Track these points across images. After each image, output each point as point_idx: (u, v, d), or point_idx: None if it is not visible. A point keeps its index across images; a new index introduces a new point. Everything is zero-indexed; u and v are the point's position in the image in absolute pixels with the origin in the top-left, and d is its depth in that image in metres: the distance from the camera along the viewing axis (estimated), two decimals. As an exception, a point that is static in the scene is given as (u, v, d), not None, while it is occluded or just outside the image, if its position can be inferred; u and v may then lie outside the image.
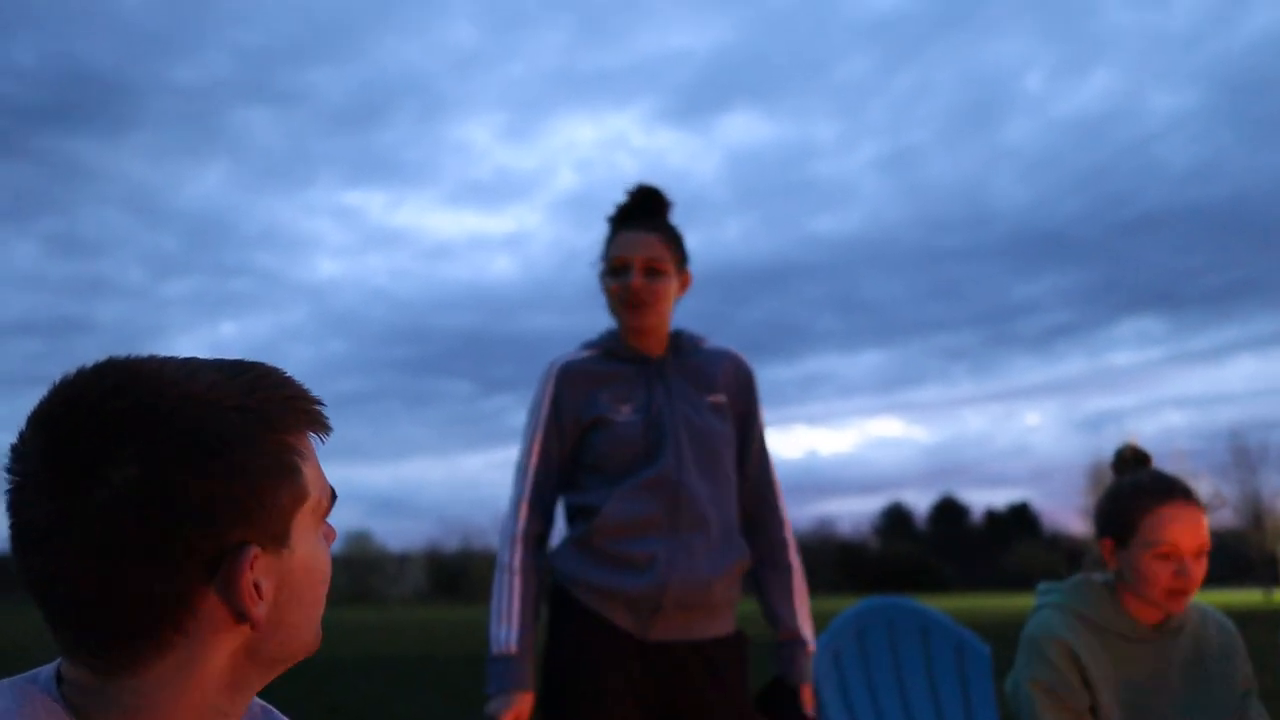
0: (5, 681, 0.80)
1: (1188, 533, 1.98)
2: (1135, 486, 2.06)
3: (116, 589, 0.75)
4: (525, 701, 2.11)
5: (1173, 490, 2.03)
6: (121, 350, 0.82)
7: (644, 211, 2.28)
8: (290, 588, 0.83)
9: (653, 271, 2.21)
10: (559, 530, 2.30)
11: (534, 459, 2.24)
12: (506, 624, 2.16)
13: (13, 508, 0.78)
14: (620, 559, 2.13)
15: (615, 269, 2.23)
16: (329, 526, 0.90)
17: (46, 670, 0.82)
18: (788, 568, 2.29)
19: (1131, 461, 2.14)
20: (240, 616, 0.79)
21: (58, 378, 0.80)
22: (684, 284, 2.29)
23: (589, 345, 2.32)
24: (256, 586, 0.79)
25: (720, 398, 2.27)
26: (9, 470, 0.78)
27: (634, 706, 2.10)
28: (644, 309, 2.21)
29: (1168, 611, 2.02)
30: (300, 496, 0.83)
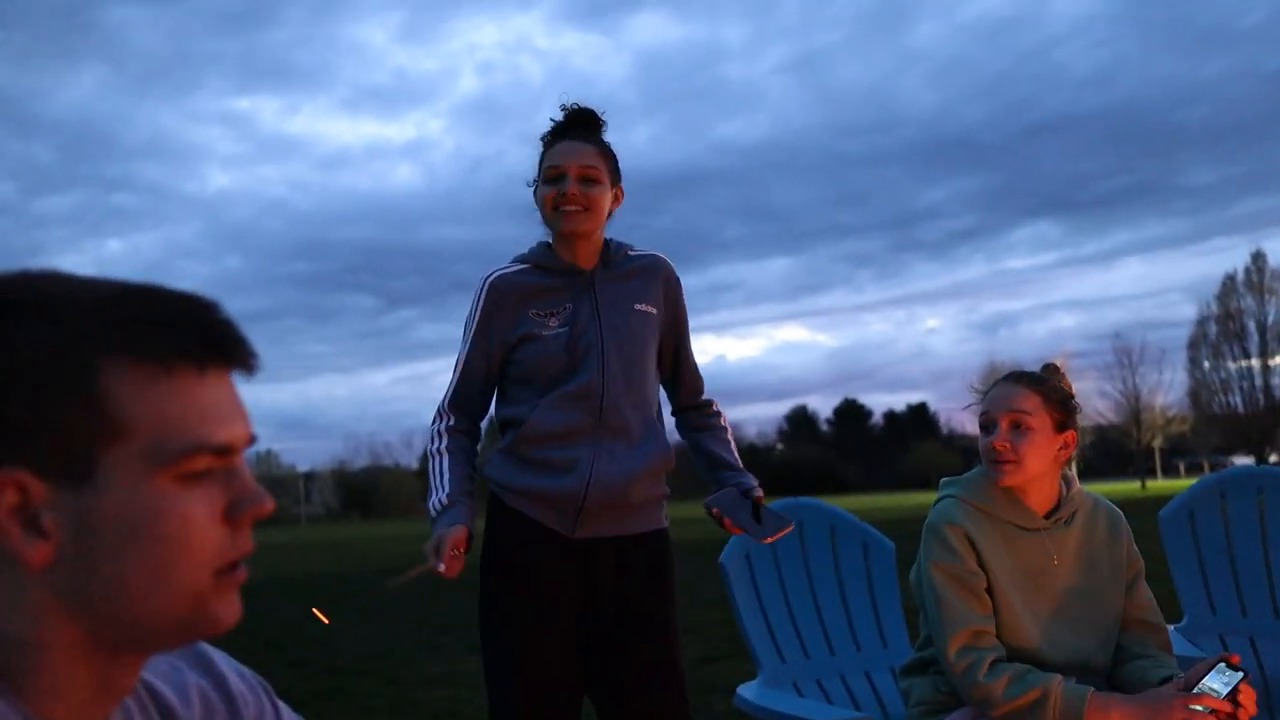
0: None
1: (997, 401, 2.16)
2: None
3: None
4: (461, 533, 2.15)
5: (1009, 375, 2.23)
6: None
7: (579, 127, 2.35)
8: (99, 535, 0.72)
9: (588, 180, 2.27)
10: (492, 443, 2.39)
11: (460, 368, 2.34)
12: (440, 489, 2.24)
13: None
14: (545, 464, 2.24)
15: (551, 178, 2.28)
16: (224, 489, 0.78)
17: None
18: (723, 429, 2.48)
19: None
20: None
21: None
22: (617, 199, 2.36)
23: (521, 259, 2.37)
24: (34, 518, 0.71)
25: (648, 307, 2.36)
26: None
27: (563, 601, 2.22)
28: (579, 215, 2.25)
29: (997, 483, 2.16)
30: (111, 429, 0.71)
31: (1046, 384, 2.18)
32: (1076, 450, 2.22)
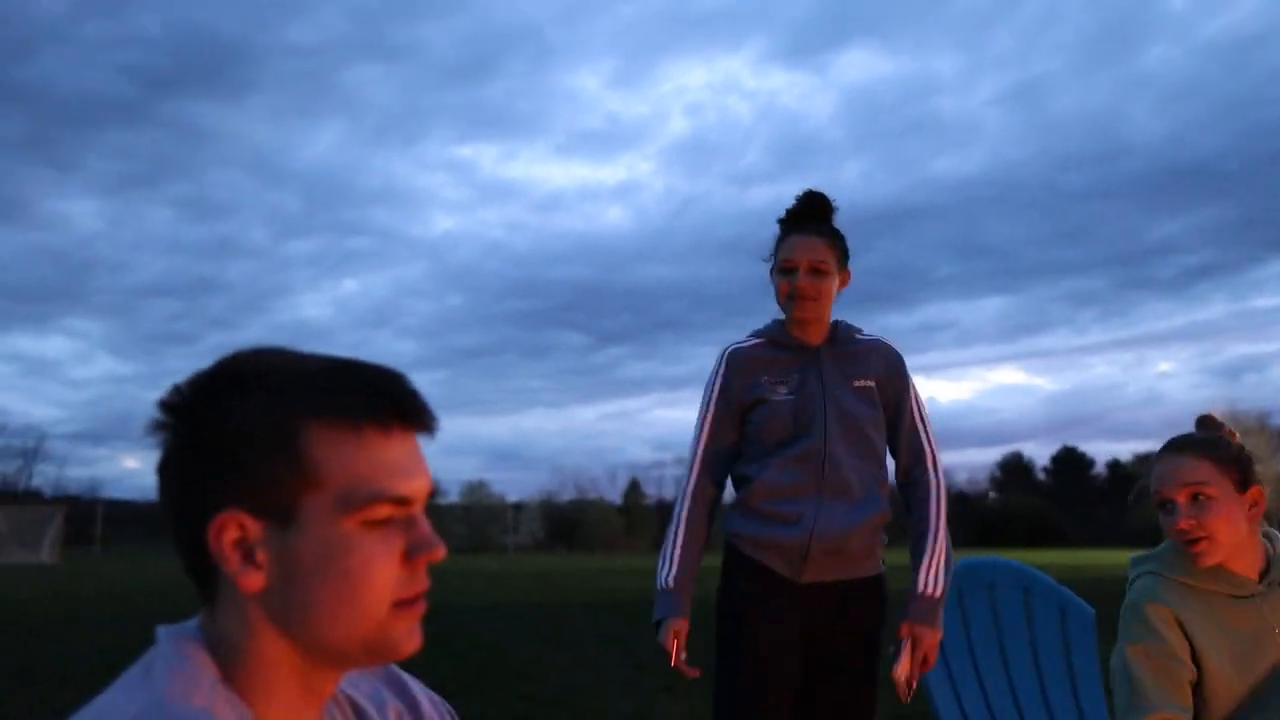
0: (166, 628, 0.93)
1: (1167, 477, 2.01)
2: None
3: (167, 519, 0.91)
4: (682, 626, 2.48)
5: (1169, 444, 2.06)
6: (249, 309, 0.94)
7: (810, 214, 2.61)
8: (298, 567, 0.88)
9: (816, 272, 2.55)
10: (729, 494, 2.70)
11: (705, 432, 2.63)
12: (668, 564, 2.55)
13: None
14: (774, 516, 2.52)
15: (784, 270, 2.57)
16: (404, 534, 0.91)
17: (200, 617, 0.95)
18: (934, 535, 2.56)
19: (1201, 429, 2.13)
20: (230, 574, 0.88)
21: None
22: (844, 281, 2.64)
23: (757, 334, 2.69)
24: (249, 551, 0.88)
25: (868, 383, 2.60)
26: None
27: (786, 637, 2.49)
28: (807, 305, 2.56)
29: (1197, 564, 2.01)
30: (308, 479, 0.87)
31: (1215, 445, 2.02)
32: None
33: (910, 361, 2.65)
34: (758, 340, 2.67)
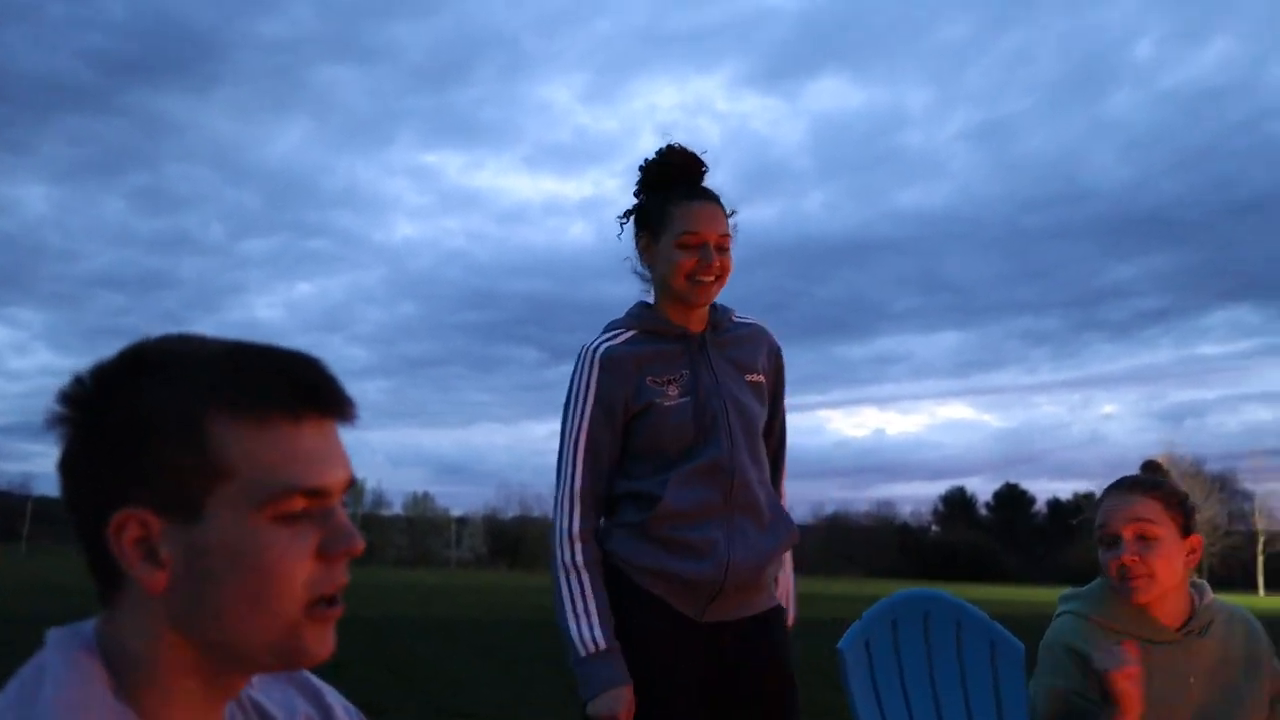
0: (57, 631, 0.87)
1: (1115, 513, 2.04)
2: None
3: (69, 516, 0.86)
4: (630, 694, 2.06)
5: (1119, 482, 2.10)
6: (200, 307, 0.90)
7: (699, 182, 2.27)
8: (206, 565, 0.82)
9: (723, 249, 2.20)
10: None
11: (581, 451, 2.17)
12: (588, 621, 2.10)
13: None
14: (682, 546, 2.14)
15: (691, 244, 2.18)
16: (319, 528, 0.86)
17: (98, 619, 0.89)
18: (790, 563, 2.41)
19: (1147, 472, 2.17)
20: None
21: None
22: None
23: (621, 325, 2.28)
24: (152, 550, 0.82)
25: (759, 377, 2.29)
26: None
27: (694, 684, 2.16)
28: (712, 289, 2.21)
29: (1130, 600, 2.05)
30: (214, 471, 0.82)
31: (1164, 488, 2.07)
32: (1264, 556, 2.13)
33: (863, 393, 2.53)
34: (629, 332, 2.24)
